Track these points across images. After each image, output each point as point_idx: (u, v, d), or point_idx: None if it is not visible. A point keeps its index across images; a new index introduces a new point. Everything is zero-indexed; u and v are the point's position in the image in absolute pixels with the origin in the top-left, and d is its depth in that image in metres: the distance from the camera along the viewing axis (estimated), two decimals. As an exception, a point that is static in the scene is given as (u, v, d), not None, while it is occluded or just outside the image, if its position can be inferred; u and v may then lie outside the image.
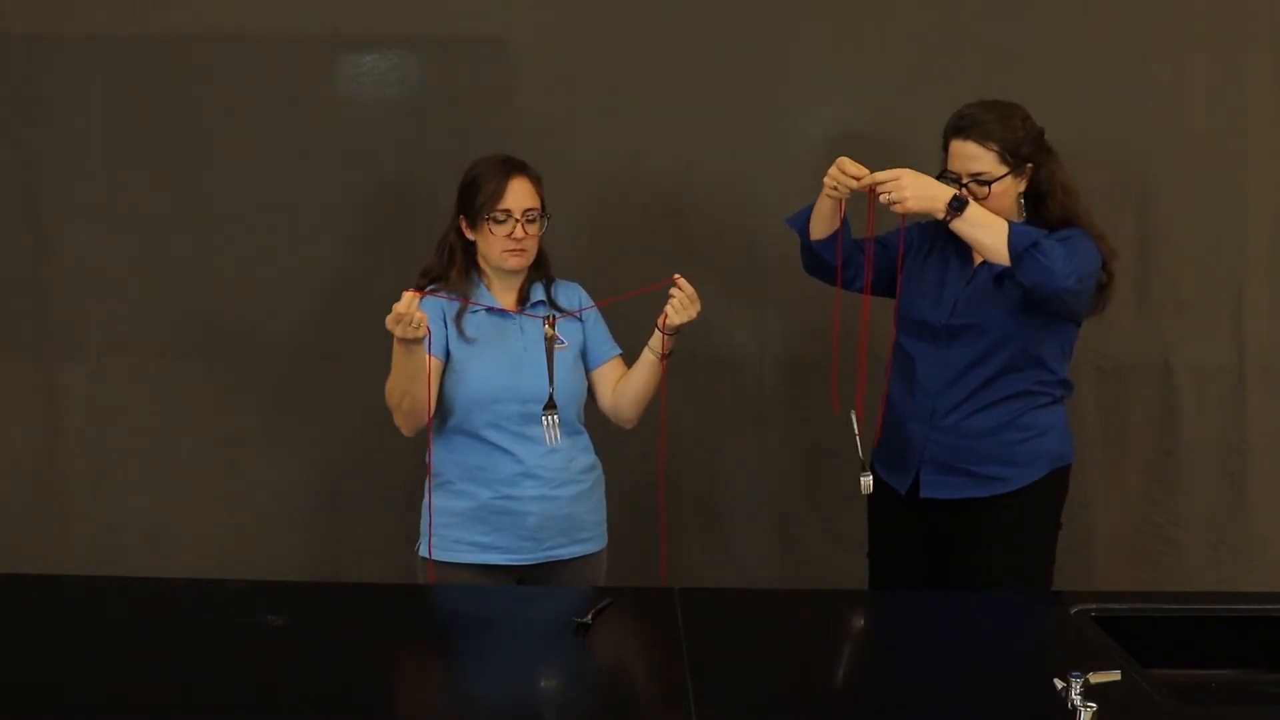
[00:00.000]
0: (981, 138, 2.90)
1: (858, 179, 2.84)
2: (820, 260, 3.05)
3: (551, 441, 2.91)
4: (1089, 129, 3.48)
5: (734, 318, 3.69)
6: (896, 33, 3.64)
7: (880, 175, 2.79)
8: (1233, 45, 3.63)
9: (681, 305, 2.85)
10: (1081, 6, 3.62)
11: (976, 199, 2.89)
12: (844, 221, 2.99)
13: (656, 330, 2.91)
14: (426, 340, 2.80)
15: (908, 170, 2.80)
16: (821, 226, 3.01)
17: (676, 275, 2.85)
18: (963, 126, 2.92)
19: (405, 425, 2.95)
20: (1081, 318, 2.98)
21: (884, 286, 3.06)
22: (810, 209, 3.02)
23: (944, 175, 2.95)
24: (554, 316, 2.93)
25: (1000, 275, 2.84)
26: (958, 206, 2.78)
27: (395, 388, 2.88)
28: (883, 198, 2.78)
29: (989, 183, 2.90)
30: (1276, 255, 3.70)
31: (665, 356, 2.93)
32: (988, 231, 2.79)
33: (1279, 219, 3.69)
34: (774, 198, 3.67)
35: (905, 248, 3.05)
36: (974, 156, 2.91)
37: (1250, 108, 3.65)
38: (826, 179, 2.89)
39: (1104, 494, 3.71)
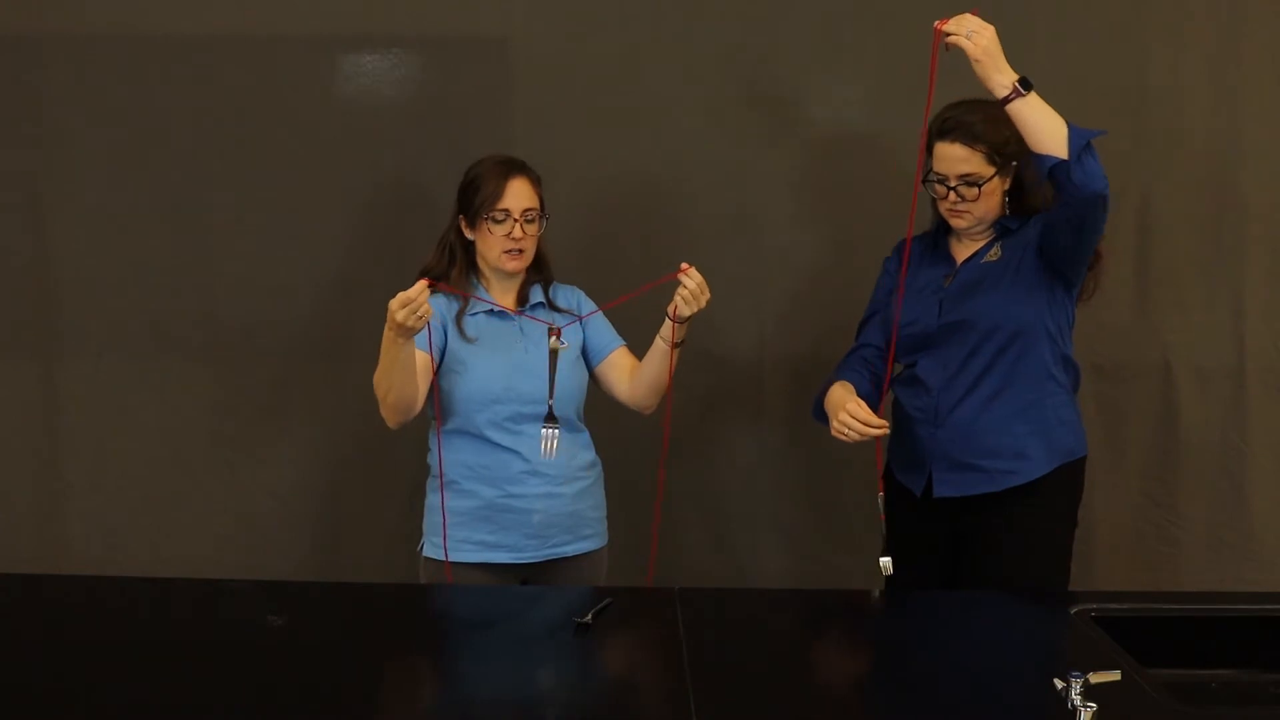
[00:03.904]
0: (969, 139, 2.87)
1: (867, 423, 2.81)
2: None
3: (547, 453, 2.85)
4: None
5: (734, 318, 3.69)
6: (897, 33, 3.63)
7: (967, 16, 2.65)
8: (1233, 45, 3.63)
9: (691, 296, 2.81)
10: (1081, 7, 3.62)
11: (965, 200, 2.88)
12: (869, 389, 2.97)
13: (667, 319, 2.88)
14: (427, 335, 2.79)
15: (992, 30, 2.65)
16: None
17: (684, 265, 2.81)
18: (948, 129, 2.88)
19: (391, 418, 2.93)
20: (1082, 270, 2.90)
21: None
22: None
23: (928, 179, 2.94)
24: (559, 328, 2.83)
25: (1050, 171, 2.69)
26: (1027, 86, 2.65)
27: (382, 381, 2.87)
28: (950, 37, 2.64)
29: (979, 184, 2.88)
30: (1276, 256, 3.70)
31: (677, 345, 2.91)
32: (1051, 120, 2.67)
33: (1278, 220, 3.70)
34: (774, 198, 3.68)
35: (889, 280, 3.07)
36: (962, 159, 2.88)
37: (1250, 108, 3.65)
38: (835, 426, 2.85)
39: (1104, 494, 3.70)
